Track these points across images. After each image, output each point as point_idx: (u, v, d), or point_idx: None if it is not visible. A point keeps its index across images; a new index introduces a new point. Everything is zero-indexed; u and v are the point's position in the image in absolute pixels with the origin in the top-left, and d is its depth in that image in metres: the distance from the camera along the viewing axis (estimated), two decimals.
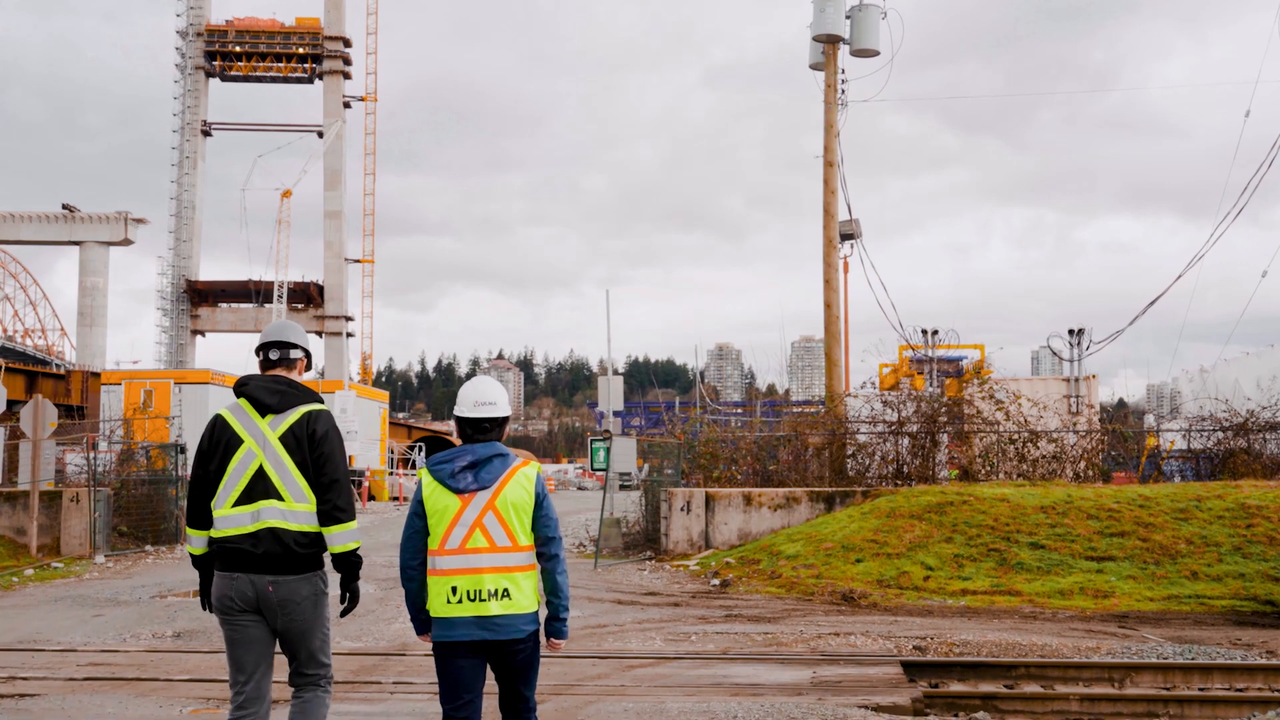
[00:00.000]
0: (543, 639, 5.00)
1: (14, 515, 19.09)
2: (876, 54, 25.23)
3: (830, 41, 25.05)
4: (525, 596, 4.84)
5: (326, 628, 5.28)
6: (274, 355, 5.39)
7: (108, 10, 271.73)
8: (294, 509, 5.11)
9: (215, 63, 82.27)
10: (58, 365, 76.03)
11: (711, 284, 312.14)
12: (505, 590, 4.78)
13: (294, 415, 5.19)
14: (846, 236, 26.75)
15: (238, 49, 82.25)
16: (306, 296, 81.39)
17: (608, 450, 19.36)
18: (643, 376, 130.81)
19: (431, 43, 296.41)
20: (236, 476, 5.13)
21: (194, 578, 15.97)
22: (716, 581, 15.75)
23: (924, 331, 28.01)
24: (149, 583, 15.65)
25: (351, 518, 5.20)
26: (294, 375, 5.41)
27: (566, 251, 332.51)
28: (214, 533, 5.15)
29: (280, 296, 79.33)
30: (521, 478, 4.91)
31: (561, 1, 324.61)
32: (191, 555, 5.34)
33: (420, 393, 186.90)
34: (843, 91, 25.59)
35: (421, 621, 5.02)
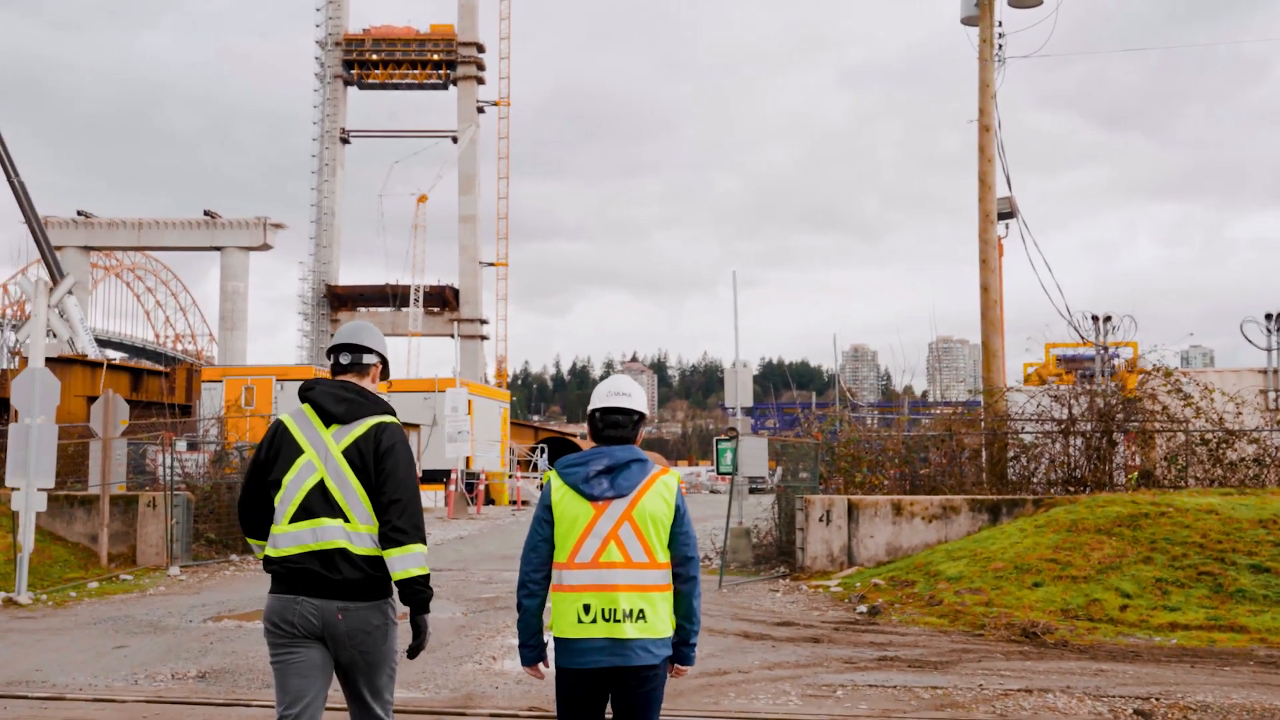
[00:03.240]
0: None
1: (89, 521, 17.61)
2: (1039, 3, 22.21)
3: None
4: (662, 620, 4.32)
5: (394, 662, 4.69)
6: (344, 359, 4.86)
7: (259, 27, 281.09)
8: (358, 531, 4.52)
9: (353, 71, 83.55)
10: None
11: (846, 285, 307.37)
12: (641, 611, 4.26)
13: (361, 427, 4.63)
14: (1003, 216, 23.73)
15: (374, 57, 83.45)
16: (442, 300, 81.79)
17: (734, 451, 16.90)
18: (776, 378, 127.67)
19: (565, 51, 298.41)
20: (294, 489, 4.58)
21: (263, 594, 14.31)
22: (863, 608, 13.19)
23: (1094, 318, 24.72)
24: (212, 601, 13.85)
25: (416, 540, 4.52)
26: (366, 382, 4.84)
27: (700, 254, 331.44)
28: (271, 551, 4.58)
29: (416, 300, 79.53)
30: (661, 487, 4.40)
31: (695, 5, 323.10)
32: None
33: (555, 395, 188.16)
34: (999, 47, 22.64)
35: (531, 649, 4.43)
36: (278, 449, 4.68)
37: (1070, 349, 34.19)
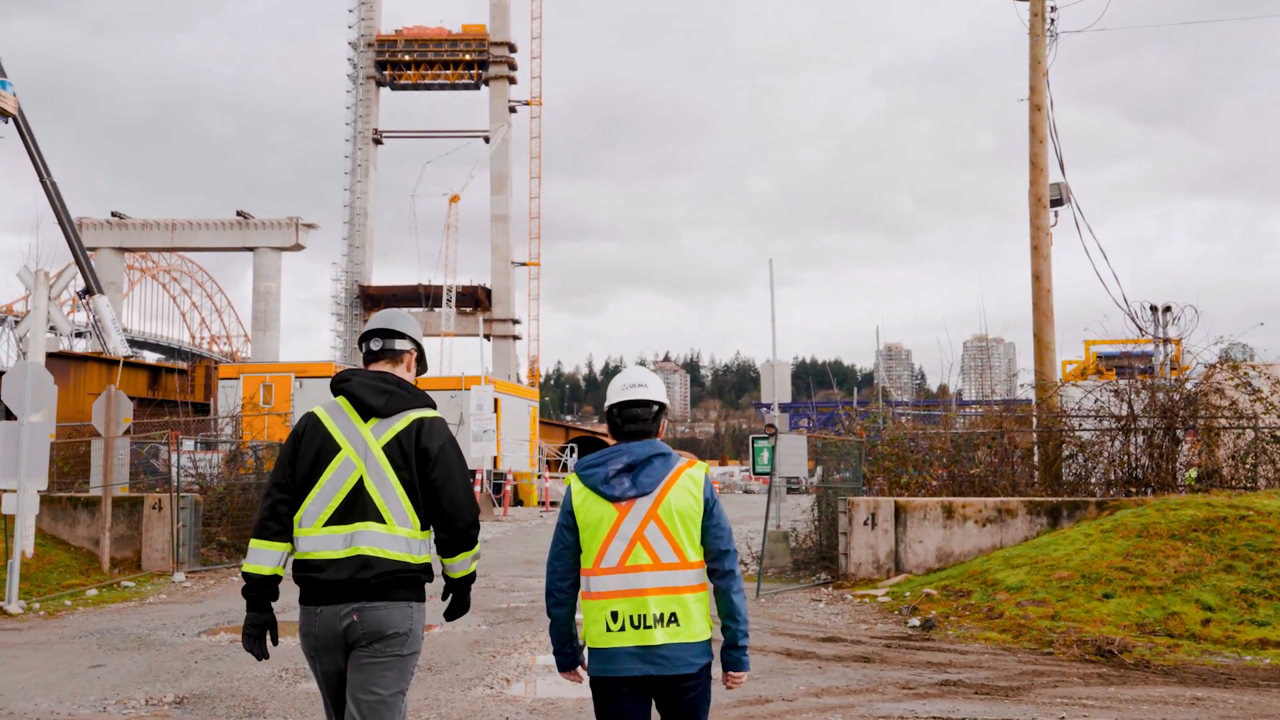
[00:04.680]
0: (716, 671, 4.13)
1: (93, 525, 16.75)
2: None
3: None
4: (696, 623, 4.02)
5: (406, 685, 4.24)
6: (375, 345, 4.55)
7: (292, 31, 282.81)
8: (395, 534, 4.24)
9: (385, 72, 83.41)
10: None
11: (879, 284, 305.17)
12: (673, 615, 3.97)
13: (402, 422, 4.34)
14: (1054, 203, 22.49)
15: (407, 57, 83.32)
16: (474, 300, 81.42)
17: (772, 450, 15.81)
18: (811, 375, 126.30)
19: (598, 51, 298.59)
20: (331, 490, 4.25)
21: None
22: (916, 622, 12.07)
23: (1153, 308, 23.43)
24: (212, 611, 12.90)
25: (474, 543, 4.41)
26: (401, 371, 4.54)
27: (732, 254, 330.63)
28: (297, 554, 4.28)
29: (449, 300, 79.08)
30: (687, 480, 4.11)
31: (728, 5, 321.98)
32: (249, 577, 4.28)
33: (587, 395, 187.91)
34: (1051, 22, 21.43)
35: (566, 655, 4.25)
36: (310, 445, 4.33)
37: (1111, 345, 32.76)
